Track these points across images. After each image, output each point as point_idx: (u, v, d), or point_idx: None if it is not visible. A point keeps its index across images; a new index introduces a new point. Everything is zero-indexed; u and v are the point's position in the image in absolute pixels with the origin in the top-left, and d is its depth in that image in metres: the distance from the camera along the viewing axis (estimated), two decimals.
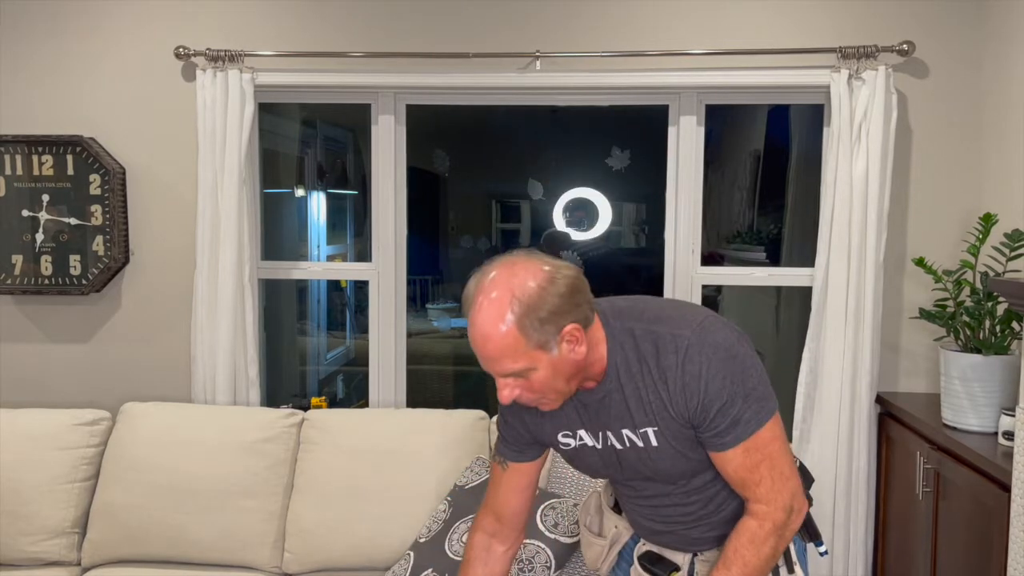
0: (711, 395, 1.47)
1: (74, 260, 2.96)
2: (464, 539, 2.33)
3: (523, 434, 1.69)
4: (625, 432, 1.57)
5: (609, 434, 1.59)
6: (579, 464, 1.69)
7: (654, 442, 1.55)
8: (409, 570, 2.37)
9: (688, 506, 1.64)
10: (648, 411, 1.53)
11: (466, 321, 1.45)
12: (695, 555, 1.69)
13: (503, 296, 1.41)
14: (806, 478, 1.76)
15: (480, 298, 1.43)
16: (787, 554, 1.64)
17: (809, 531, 1.71)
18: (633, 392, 1.53)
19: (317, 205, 4.99)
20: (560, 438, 1.66)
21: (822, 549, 1.73)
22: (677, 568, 1.68)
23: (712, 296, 4.37)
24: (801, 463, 1.78)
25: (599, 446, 1.62)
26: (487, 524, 1.77)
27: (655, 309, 1.55)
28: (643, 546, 1.74)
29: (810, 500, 1.73)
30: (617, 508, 1.82)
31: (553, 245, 5.30)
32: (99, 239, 2.95)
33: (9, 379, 3.05)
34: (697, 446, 1.55)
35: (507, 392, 1.48)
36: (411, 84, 2.89)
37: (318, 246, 5.03)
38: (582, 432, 1.62)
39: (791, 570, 1.64)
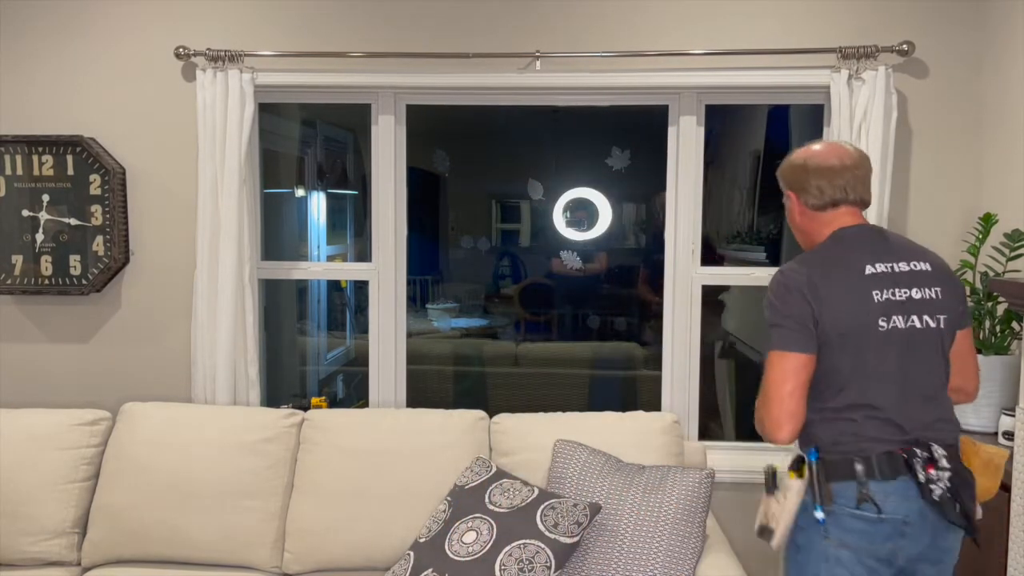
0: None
1: (74, 260, 2.96)
2: (464, 539, 2.34)
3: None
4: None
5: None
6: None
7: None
8: (409, 570, 2.37)
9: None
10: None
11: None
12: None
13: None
14: None
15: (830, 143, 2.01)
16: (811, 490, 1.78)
17: (821, 491, 1.78)
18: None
19: (317, 205, 4.99)
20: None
21: (820, 515, 1.77)
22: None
23: (712, 296, 4.36)
24: None
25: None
26: None
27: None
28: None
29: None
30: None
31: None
32: (99, 239, 2.95)
33: (9, 379, 3.05)
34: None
35: None
36: (411, 84, 2.89)
37: (318, 246, 5.03)
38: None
39: (770, 491, 1.87)
